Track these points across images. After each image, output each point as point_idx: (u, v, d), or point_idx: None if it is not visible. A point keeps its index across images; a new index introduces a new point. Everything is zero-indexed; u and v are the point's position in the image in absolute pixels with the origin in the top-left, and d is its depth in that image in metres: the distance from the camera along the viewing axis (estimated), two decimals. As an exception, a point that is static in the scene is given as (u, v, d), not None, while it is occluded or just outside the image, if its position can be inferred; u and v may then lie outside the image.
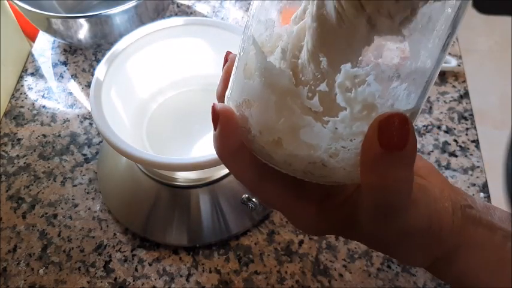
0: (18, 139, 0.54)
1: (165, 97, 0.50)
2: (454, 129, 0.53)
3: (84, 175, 0.50)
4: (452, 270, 0.25)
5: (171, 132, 0.48)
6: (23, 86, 0.59)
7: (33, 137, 0.54)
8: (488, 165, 0.51)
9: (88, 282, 0.43)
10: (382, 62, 0.19)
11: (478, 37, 1.58)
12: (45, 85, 0.59)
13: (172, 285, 0.42)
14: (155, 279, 0.43)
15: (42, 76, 0.60)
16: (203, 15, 0.66)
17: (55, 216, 0.47)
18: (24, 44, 0.63)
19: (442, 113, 0.54)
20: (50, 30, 0.57)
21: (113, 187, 0.48)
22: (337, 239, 0.45)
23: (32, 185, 0.50)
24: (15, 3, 0.54)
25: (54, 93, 0.58)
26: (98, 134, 0.53)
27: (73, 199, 0.48)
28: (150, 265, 0.44)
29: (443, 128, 0.53)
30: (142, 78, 0.48)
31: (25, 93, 0.58)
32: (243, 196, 0.44)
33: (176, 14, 0.66)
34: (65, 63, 0.61)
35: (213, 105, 0.22)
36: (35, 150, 0.52)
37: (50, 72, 0.61)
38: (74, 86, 0.59)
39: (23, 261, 0.44)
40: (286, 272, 0.43)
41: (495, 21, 1.61)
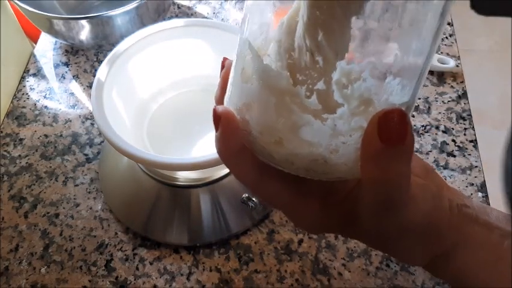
0: (20, 139, 0.54)
1: (166, 97, 0.50)
2: (452, 129, 0.53)
3: (85, 175, 0.51)
4: (450, 268, 0.25)
5: (172, 132, 0.48)
6: (25, 86, 0.59)
7: (35, 137, 0.54)
8: (486, 165, 0.51)
9: (89, 281, 0.43)
10: (375, 58, 0.19)
11: (477, 37, 1.59)
12: (47, 86, 0.60)
13: (173, 284, 0.43)
14: (156, 278, 0.43)
15: (44, 77, 0.61)
16: (204, 17, 0.66)
17: (57, 215, 0.48)
18: (26, 45, 0.63)
19: (440, 113, 0.55)
20: (51, 31, 0.57)
21: (114, 187, 0.49)
22: (336, 238, 0.45)
23: (34, 184, 0.50)
24: (17, 4, 0.55)
25: (56, 94, 0.59)
26: (100, 134, 0.54)
27: (75, 199, 0.49)
28: (151, 264, 0.44)
29: (441, 128, 0.53)
30: (144, 79, 0.48)
31: (27, 94, 0.59)
32: (243, 195, 0.45)
33: (177, 15, 0.67)
34: (66, 64, 0.62)
35: (214, 107, 0.22)
36: (36, 150, 0.53)
37: (52, 72, 0.61)
38: (75, 86, 0.59)
39: (24, 260, 0.45)
40: (286, 271, 0.43)
41: (494, 22, 1.61)
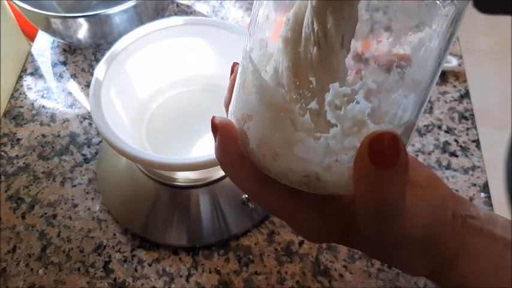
0: (18, 139, 0.53)
1: (165, 97, 0.49)
2: (455, 129, 0.53)
3: (83, 175, 0.50)
4: (453, 277, 0.25)
5: (171, 132, 0.47)
6: (22, 86, 0.59)
7: (33, 137, 0.54)
8: (489, 165, 0.50)
9: (88, 283, 0.43)
10: (371, 80, 0.20)
11: (479, 37, 1.58)
12: (44, 85, 0.59)
13: (172, 286, 0.42)
14: (155, 280, 0.43)
15: (41, 76, 0.60)
16: (203, 15, 0.66)
17: (54, 216, 0.47)
18: (23, 44, 0.63)
19: (442, 112, 0.54)
20: (49, 29, 0.57)
21: (112, 187, 0.48)
22: (337, 239, 0.45)
23: (32, 185, 0.50)
24: (15, 3, 0.54)
25: (53, 93, 0.58)
26: (98, 134, 0.53)
27: (72, 199, 0.48)
28: (149, 265, 0.44)
29: (443, 128, 0.53)
30: (142, 78, 0.48)
31: (24, 93, 0.58)
32: (243, 196, 0.44)
33: (176, 14, 0.66)
34: (64, 63, 0.61)
35: (212, 117, 0.23)
36: (34, 151, 0.52)
37: (50, 72, 0.60)
38: (73, 85, 0.59)
39: (22, 261, 0.44)
40: (286, 273, 0.43)
41: (496, 21, 1.61)
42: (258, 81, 0.20)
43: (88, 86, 0.58)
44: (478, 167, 0.49)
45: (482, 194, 0.47)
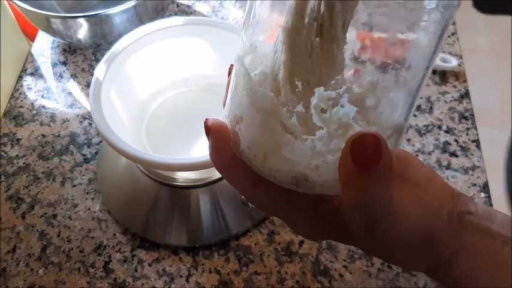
0: (18, 139, 0.53)
1: (165, 97, 0.49)
2: (455, 129, 0.53)
3: (83, 175, 0.50)
4: (451, 274, 0.25)
5: (171, 132, 0.47)
6: (22, 86, 0.59)
7: (33, 137, 0.54)
8: (489, 165, 0.50)
9: (88, 283, 0.43)
10: (357, 84, 0.20)
11: (479, 37, 1.58)
12: (44, 85, 0.59)
13: (172, 286, 0.42)
14: (155, 280, 0.43)
15: (41, 76, 0.60)
16: (203, 15, 0.66)
17: (54, 216, 0.47)
18: (23, 44, 0.63)
19: (442, 112, 0.54)
20: (49, 29, 0.57)
21: (112, 187, 0.48)
22: (337, 239, 0.45)
23: (32, 185, 0.50)
24: (15, 3, 0.54)
25: (53, 93, 0.58)
26: (98, 134, 0.53)
27: (72, 199, 0.48)
28: (149, 265, 0.44)
29: (443, 128, 0.53)
30: (142, 78, 0.48)
31: (24, 93, 0.58)
32: (243, 196, 0.44)
33: (176, 14, 0.66)
34: (64, 63, 0.61)
35: (205, 120, 0.23)
36: (34, 151, 0.52)
37: (50, 72, 0.60)
38: (73, 85, 0.59)
39: (22, 261, 0.44)
40: (286, 273, 0.43)
41: (496, 21, 1.61)
42: (248, 84, 0.21)
43: (88, 86, 0.58)
44: (478, 167, 0.49)
45: (482, 194, 0.47)
